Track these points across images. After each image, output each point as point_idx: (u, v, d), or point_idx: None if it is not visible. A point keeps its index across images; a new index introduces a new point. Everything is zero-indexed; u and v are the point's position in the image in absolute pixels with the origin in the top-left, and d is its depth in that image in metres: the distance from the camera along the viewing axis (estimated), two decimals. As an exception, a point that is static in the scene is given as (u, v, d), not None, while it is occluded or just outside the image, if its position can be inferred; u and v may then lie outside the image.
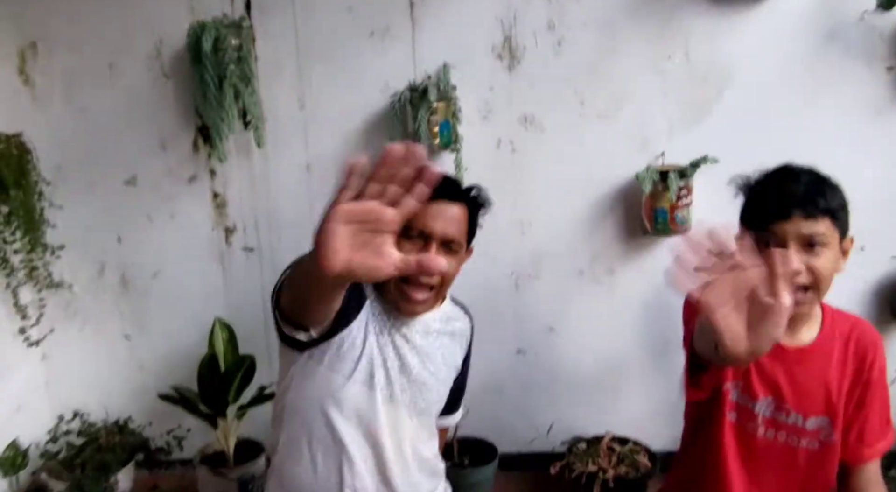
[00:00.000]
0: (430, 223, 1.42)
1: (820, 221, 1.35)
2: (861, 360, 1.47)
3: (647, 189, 2.45)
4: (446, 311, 1.62)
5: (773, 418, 1.49)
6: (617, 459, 2.57)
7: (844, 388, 1.47)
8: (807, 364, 1.46)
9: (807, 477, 1.50)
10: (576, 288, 2.74)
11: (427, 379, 1.53)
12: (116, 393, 2.89)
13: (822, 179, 1.41)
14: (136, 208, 2.71)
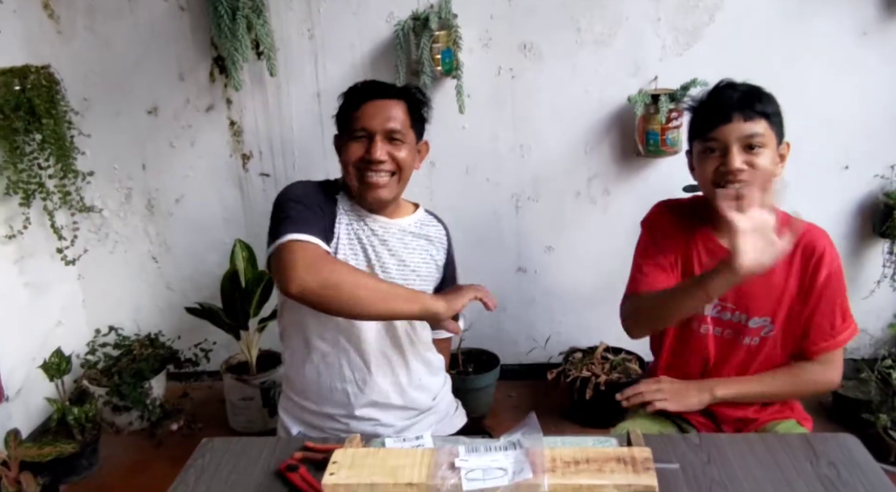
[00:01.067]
0: (370, 121, 1.60)
1: (757, 123, 1.49)
2: (806, 265, 1.57)
3: (639, 112, 2.57)
4: (419, 217, 1.77)
5: (717, 317, 1.64)
6: (610, 366, 2.76)
7: (790, 291, 1.59)
8: None
9: (749, 367, 1.66)
10: (573, 209, 2.89)
11: (408, 275, 1.68)
12: (147, 310, 3.11)
13: (756, 88, 1.53)
14: (158, 137, 2.88)
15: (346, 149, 1.63)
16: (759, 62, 2.58)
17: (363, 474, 1.13)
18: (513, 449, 1.18)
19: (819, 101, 2.63)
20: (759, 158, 1.49)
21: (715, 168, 1.53)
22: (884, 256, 2.72)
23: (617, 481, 1.07)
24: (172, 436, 2.77)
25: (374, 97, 1.63)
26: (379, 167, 1.61)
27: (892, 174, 2.70)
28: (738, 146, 1.50)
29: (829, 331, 1.60)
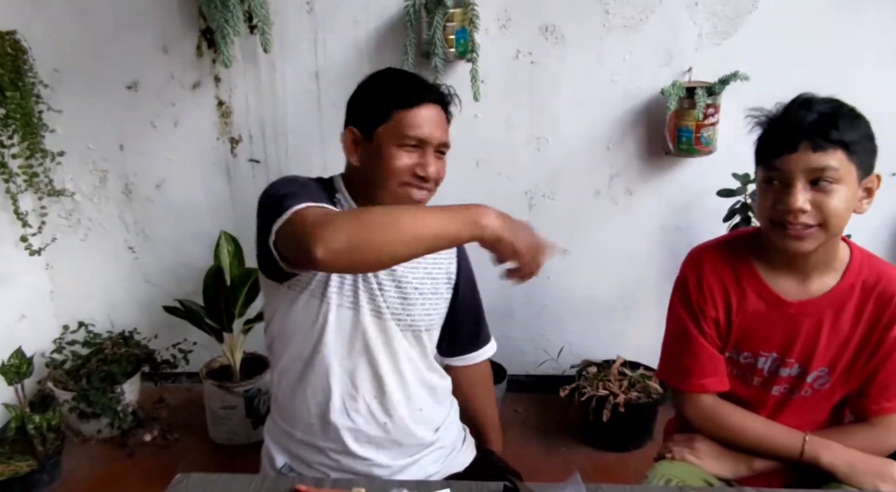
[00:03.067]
0: (428, 131, 1.40)
1: (831, 154, 1.25)
2: (879, 316, 1.37)
3: (673, 106, 2.33)
4: None
5: (773, 372, 1.45)
6: (628, 383, 2.53)
7: (854, 342, 1.39)
8: (814, 317, 1.39)
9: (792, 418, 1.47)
10: (592, 209, 2.65)
11: (409, 293, 1.49)
12: (121, 305, 2.86)
13: (837, 109, 1.28)
14: (138, 115, 2.62)
15: (392, 157, 1.39)
16: (804, 56, 2.36)
17: None
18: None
19: (868, 100, 2.37)
20: (830, 196, 1.26)
21: (773, 204, 1.31)
22: (930, 271, 2.50)
23: None
24: (146, 447, 2.53)
25: (429, 100, 1.43)
26: (427, 185, 1.43)
27: (943, 183, 2.48)
28: (803, 181, 1.27)
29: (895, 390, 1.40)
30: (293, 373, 1.49)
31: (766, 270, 1.42)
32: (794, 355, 1.42)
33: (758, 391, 1.48)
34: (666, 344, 1.57)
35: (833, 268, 1.39)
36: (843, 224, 1.30)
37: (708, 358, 1.46)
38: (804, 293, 1.40)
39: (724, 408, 1.48)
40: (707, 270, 1.45)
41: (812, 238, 1.30)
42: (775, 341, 1.43)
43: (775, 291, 1.41)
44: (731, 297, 1.44)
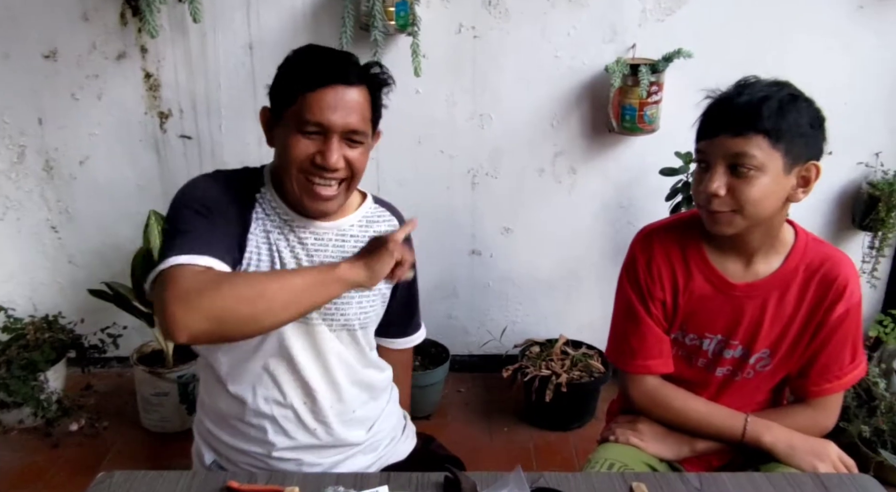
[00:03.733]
0: (328, 116, 1.25)
1: (751, 140, 1.24)
2: (821, 298, 1.37)
3: (617, 83, 2.30)
4: (366, 213, 1.45)
5: (718, 353, 1.45)
6: (570, 363, 2.53)
7: (796, 323, 1.39)
8: (758, 299, 1.39)
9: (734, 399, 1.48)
10: (535, 187, 2.62)
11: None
12: (44, 287, 2.72)
13: (772, 95, 1.25)
14: (58, 87, 2.46)
15: (291, 144, 1.27)
16: (745, 34, 2.37)
17: None
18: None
19: (806, 80, 2.39)
20: (747, 183, 1.25)
21: (697, 186, 1.32)
22: (864, 250, 2.56)
23: None
24: (72, 436, 2.41)
25: (336, 82, 1.26)
26: (332, 175, 1.28)
27: (877, 163, 2.52)
28: (722, 166, 1.27)
29: (835, 372, 1.41)
30: (215, 373, 1.39)
31: (714, 253, 1.41)
32: (739, 337, 1.42)
33: (702, 373, 1.48)
34: (614, 324, 1.55)
35: (777, 250, 1.39)
36: (762, 212, 1.28)
37: (654, 340, 1.45)
38: (749, 275, 1.39)
39: (668, 390, 1.47)
40: (656, 252, 1.44)
41: (729, 223, 1.30)
42: (720, 323, 1.42)
43: (721, 274, 1.40)
44: (678, 279, 1.42)
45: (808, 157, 1.29)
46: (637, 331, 1.46)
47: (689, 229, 1.44)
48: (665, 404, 1.47)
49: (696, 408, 1.45)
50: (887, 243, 2.50)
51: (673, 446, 1.47)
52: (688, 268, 1.42)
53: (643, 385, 1.48)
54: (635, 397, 1.50)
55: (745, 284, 1.39)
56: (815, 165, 1.30)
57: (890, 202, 2.41)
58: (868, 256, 2.54)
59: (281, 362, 1.35)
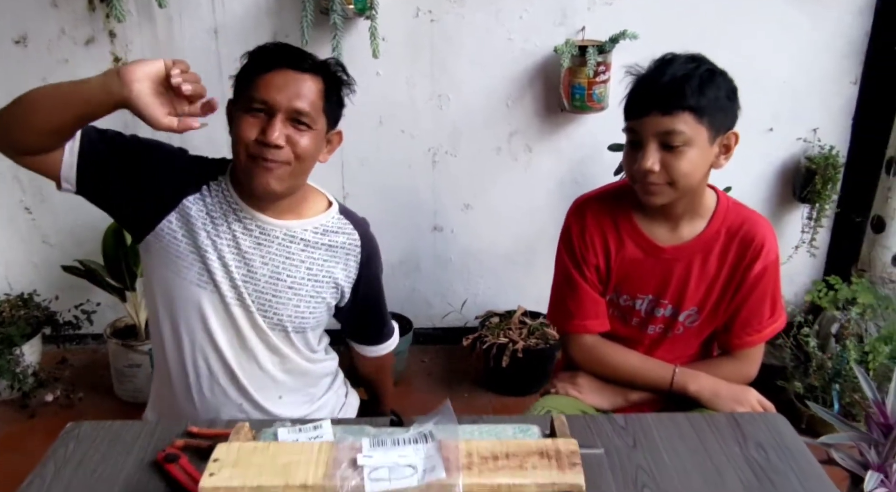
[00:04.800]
0: (273, 94, 1.29)
1: (678, 117, 1.32)
2: (741, 258, 1.48)
3: (566, 64, 2.41)
4: (325, 222, 1.45)
5: (650, 312, 1.55)
6: (527, 331, 2.65)
7: (719, 282, 1.50)
8: (684, 260, 1.49)
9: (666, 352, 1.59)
10: (493, 166, 2.73)
11: (281, 290, 1.41)
12: (18, 266, 2.80)
13: (692, 72, 1.34)
14: (29, 71, 2.53)
15: (238, 123, 1.31)
16: (690, 16, 2.48)
17: (249, 474, 0.96)
18: (424, 442, 1.03)
19: (747, 58, 2.55)
20: (679, 158, 1.34)
21: (631, 163, 1.40)
22: (803, 220, 2.70)
23: (539, 478, 0.95)
24: (48, 407, 2.50)
25: (285, 66, 1.31)
26: (273, 154, 1.29)
27: (815, 138, 2.66)
28: (654, 143, 1.35)
29: (755, 325, 1.53)
30: (156, 341, 1.48)
31: (643, 219, 1.51)
32: (668, 297, 1.52)
33: (635, 331, 1.59)
34: (553, 289, 1.65)
35: (700, 215, 1.49)
36: (693, 182, 1.38)
37: (590, 301, 1.55)
38: (676, 239, 1.49)
39: (604, 346, 1.58)
40: (589, 220, 1.53)
41: (663, 194, 1.39)
42: (651, 284, 1.53)
43: (650, 238, 1.50)
44: (610, 244, 1.52)
45: (728, 126, 1.40)
46: (574, 294, 1.56)
47: (619, 198, 1.54)
48: (602, 359, 1.57)
49: (629, 361, 1.56)
50: (824, 214, 2.64)
51: (609, 397, 1.58)
52: (619, 234, 1.51)
53: (581, 343, 1.58)
54: (575, 355, 1.61)
55: (672, 247, 1.49)
56: (734, 133, 1.41)
57: (826, 175, 2.54)
58: (807, 227, 2.68)
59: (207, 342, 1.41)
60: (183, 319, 1.41)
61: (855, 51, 2.57)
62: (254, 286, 1.39)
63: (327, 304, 1.48)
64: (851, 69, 2.60)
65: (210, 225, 1.38)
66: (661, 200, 1.40)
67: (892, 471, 1.65)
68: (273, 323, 1.42)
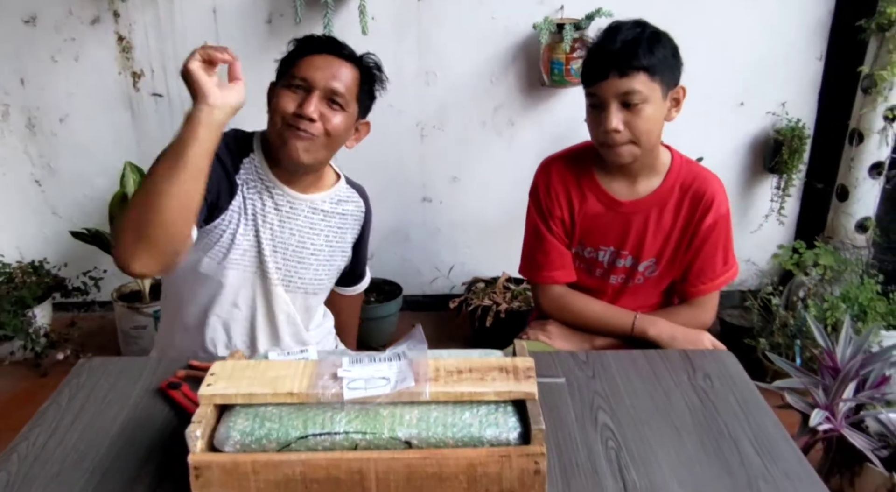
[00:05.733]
0: (313, 73, 1.41)
1: (634, 78, 1.43)
2: (693, 211, 1.59)
3: (545, 41, 2.55)
4: (338, 192, 1.61)
5: (612, 263, 1.68)
6: (511, 295, 2.79)
7: (675, 234, 1.62)
8: (641, 214, 1.61)
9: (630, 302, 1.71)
10: (478, 139, 2.87)
11: (305, 257, 1.56)
12: (30, 237, 2.94)
13: (640, 36, 1.44)
14: (38, 50, 2.68)
15: (278, 96, 1.42)
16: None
17: (241, 385, 1.09)
18: (397, 360, 1.17)
19: (718, 35, 2.68)
20: (638, 116, 1.47)
21: (596, 126, 1.51)
22: (772, 190, 2.84)
23: (498, 388, 1.06)
24: (59, 366, 2.65)
25: (328, 51, 1.44)
26: (308, 126, 1.40)
27: (783, 111, 2.79)
28: (616, 104, 1.46)
29: (709, 274, 1.64)
30: (170, 311, 1.59)
31: (603, 176, 1.63)
32: (628, 248, 1.65)
33: (599, 281, 1.72)
34: (524, 244, 1.79)
35: (657, 171, 1.61)
36: (654, 137, 1.52)
37: (557, 254, 1.68)
38: (634, 194, 1.62)
39: (571, 295, 1.71)
40: (554, 178, 1.66)
41: (628, 152, 1.51)
42: (612, 237, 1.65)
43: (610, 194, 1.62)
44: (573, 199, 1.65)
45: (676, 81, 1.53)
46: (542, 247, 1.69)
47: (582, 158, 1.66)
48: (568, 307, 1.70)
49: (593, 309, 1.69)
50: (792, 184, 2.78)
51: (575, 343, 1.69)
52: (581, 190, 1.64)
53: (550, 293, 1.71)
54: (544, 304, 1.74)
55: (630, 201, 1.61)
56: (682, 87, 1.54)
57: (793, 146, 2.68)
58: (776, 196, 2.82)
59: (237, 311, 1.53)
60: (205, 291, 1.51)
61: (820, 27, 2.71)
62: (282, 255, 1.52)
63: (338, 267, 1.65)
64: (817, 45, 2.73)
65: (249, 203, 1.48)
66: (627, 159, 1.52)
67: (837, 410, 1.80)
68: (295, 286, 1.56)
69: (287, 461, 0.96)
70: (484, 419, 1.01)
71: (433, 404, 1.04)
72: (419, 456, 0.97)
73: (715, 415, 1.22)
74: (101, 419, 1.19)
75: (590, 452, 1.13)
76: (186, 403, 1.22)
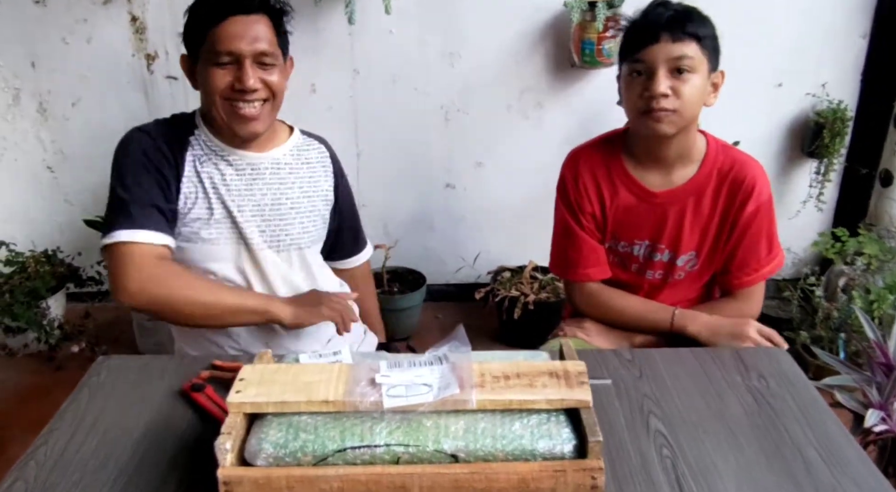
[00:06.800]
0: (237, 43, 1.37)
1: (687, 44, 1.38)
2: (733, 199, 1.51)
3: (576, 19, 2.44)
4: (295, 142, 1.58)
5: (648, 257, 1.59)
6: (539, 285, 2.70)
7: (714, 224, 1.53)
8: (678, 204, 1.53)
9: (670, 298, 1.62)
10: (504, 123, 2.76)
11: (285, 213, 1.52)
12: (42, 225, 2.87)
13: (691, 8, 1.42)
14: (49, 31, 2.59)
15: (209, 77, 1.39)
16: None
17: (273, 392, 1.01)
18: (439, 364, 1.08)
19: (755, 12, 2.56)
20: (687, 84, 1.39)
21: (640, 93, 1.42)
22: (811, 175, 2.72)
23: (549, 395, 0.97)
24: (73, 359, 2.58)
25: (236, 12, 1.37)
26: (252, 96, 1.40)
27: (823, 93, 2.67)
28: (664, 69, 1.39)
29: (753, 265, 1.56)
30: None
31: (635, 166, 1.54)
32: (665, 241, 1.56)
33: (635, 276, 1.63)
34: (554, 241, 1.70)
35: (692, 158, 1.52)
36: (695, 111, 1.43)
37: (589, 250, 1.60)
38: (668, 184, 1.53)
39: (607, 292, 1.62)
40: (582, 170, 1.57)
41: (670, 122, 1.42)
42: (646, 230, 1.57)
43: (643, 184, 1.53)
44: (604, 192, 1.56)
45: (717, 64, 1.45)
46: (573, 244, 1.61)
47: (610, 146, 1.58)
48: (604, 304, 1.62)
49: (631, 305, 1.60)
50: (832, 169, 2.66)
51: (614, 340, 1.62)
52: (612, 181, 1.55)
53: (585, 291, 1.63)
54: (579, 302, 1.66)
55: (665, 191, 1.52)
56: (721, 72, 1.46)
57: (833, 129, 2.56)
58: (815, 182, 2.70)
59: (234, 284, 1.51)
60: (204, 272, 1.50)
61: (865, 3, 2.58)
62: (261, 217, 1.50)
63: (322, 216, 1.60)
64: (861, 22, 2.60)
65: (205, 177, 1.45)
66: (669, 130, 1.43)
67: (892, 409, 1.70)
68: (286, 245, 1.53)
69: (324, 477, 0.88)
70: (535, 430, 0.93)
71: (480, 414, 0.96)
72: (467, 471, 0.89)
73: (773, 418, 1.15)
74: (122, 422, 1.14)
75: (644, 460, 1.05)
76: (211, 406, 1.17)
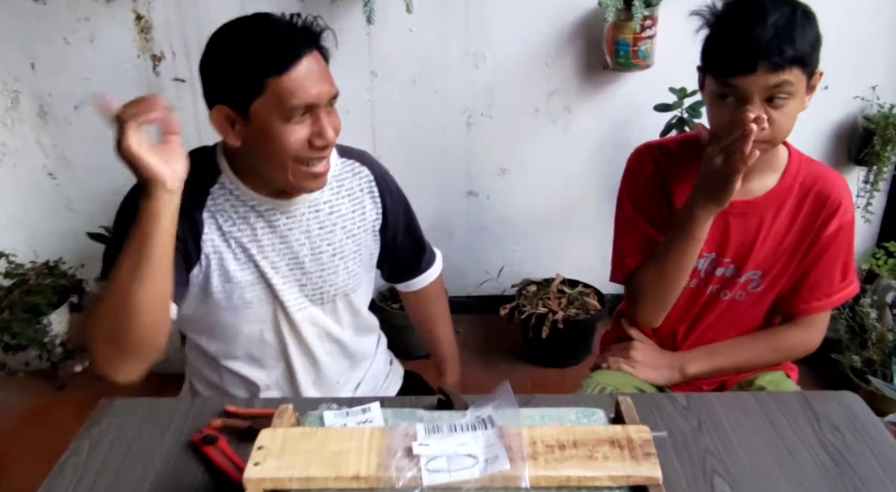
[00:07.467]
0: (314, 93, 1.16)
1: (787, 72, 1.20)
2: (815, 216, 1.37)
3: (610, 18, 2.28)
4: (334, 173, 1.34)
5: (710, 272, 1.45)
6: (567, 301, 2.56)
7: (790, 241, 1.40)
8: (753, 217, 1.39)
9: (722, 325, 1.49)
10: (530, 127, 2.61)
11: (327, 261, 1.33)
12: (44, 234, 2.74)
13: (792, 18, 1.21)
14: (50, 31, 2.45)
15: (281, 137, 1.15)
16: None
17: (297, 464, 0.89)
18: (483, 428, 0.95)
19: (803, 11, 2.40)
20: (781, 111, 1.23)
21: (730, 119, 1.25)
22: (859, 184, 2.56)
23: (612, 470, 0.86)
24: (77, 378, 2.47)
25: (298, 55, 1.14)
26: (326, 152, 1.20)
27: (873, 96, 2.51)
28: (759, 99, 1.23)
29: (825, 289, 1.42)
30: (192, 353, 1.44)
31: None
32: (730, 255, 1.41)
33: (693, 292, 1.47)
34: (616, 243, 1.54)
35: (773, 169, 1.38)
36: (789, 133, 1.28)
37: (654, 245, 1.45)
38: (745, 193, 1.37)
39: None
40: (651, 165, 1.44)
41: (763, 151, 1.26)
42: (712, 241, 1.41)
43: None
44: (673, 193, 1.42)
45: (815, 70, 1.27)
46: (636, 239, 1.47)
47: (685, 150, 1.43)
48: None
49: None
50: (882, 177, 2.50)
51: (664, 372, 1.49)
52: (683, 184, 1.41)
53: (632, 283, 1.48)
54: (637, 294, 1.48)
55: (741, 201, 1.37)
56: (821, 72, 1.29)
57: (885, 136, 2.40)
58: (863, 191, 2.54)
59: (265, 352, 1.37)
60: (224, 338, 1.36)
61: (920, 2, 2.41)
62: (301, 271, 1.32)
63: (370, 252, 1.43)
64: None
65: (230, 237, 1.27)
66: (753, 160, 1.25)
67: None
68: (330, 296, 1.36)
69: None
70: (597, 513, 0.81)
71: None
72: (520, 560, 0.78)
73: (854, 479, 1.03)
74: (125, 478, 1.05)
75: (716, 533, 0.93)
76: (225, 464, 1.05)
